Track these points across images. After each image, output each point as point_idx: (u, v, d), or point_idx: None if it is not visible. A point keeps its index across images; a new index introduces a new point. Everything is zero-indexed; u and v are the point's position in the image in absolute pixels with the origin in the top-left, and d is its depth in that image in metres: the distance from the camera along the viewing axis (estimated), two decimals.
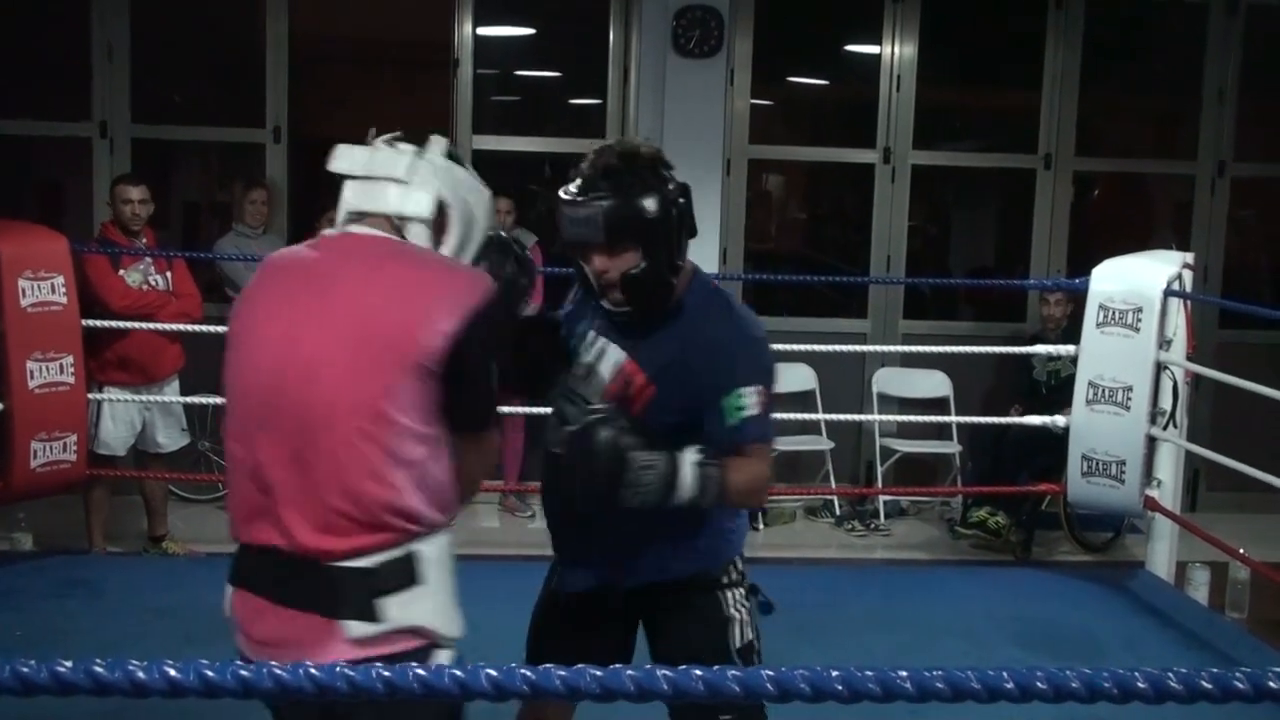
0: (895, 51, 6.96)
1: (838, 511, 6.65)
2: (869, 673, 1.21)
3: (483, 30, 6.83)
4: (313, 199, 7.07)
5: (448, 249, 2.14)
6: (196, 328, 5.45)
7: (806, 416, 6.48)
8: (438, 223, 2.13)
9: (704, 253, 6.51)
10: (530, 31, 7.24)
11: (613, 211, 2.30)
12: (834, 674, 1.20)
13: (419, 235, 2.10)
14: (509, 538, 6.14)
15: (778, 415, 6.59)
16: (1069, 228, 7.18)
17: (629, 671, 1.17)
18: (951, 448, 6.77)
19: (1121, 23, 7.47)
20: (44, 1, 6.87)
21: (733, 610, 2.53)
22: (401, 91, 9.75)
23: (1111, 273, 5.23)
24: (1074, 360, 5.44)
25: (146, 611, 4.57)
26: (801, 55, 7.36)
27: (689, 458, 2.27)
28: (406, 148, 2.16)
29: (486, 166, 7.26)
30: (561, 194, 2.36)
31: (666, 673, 1.18)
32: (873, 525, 6.53)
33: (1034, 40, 7.06)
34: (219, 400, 5.87)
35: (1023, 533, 6.16)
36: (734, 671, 1.21)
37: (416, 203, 2.10)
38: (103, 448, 5.36)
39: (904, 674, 1.21)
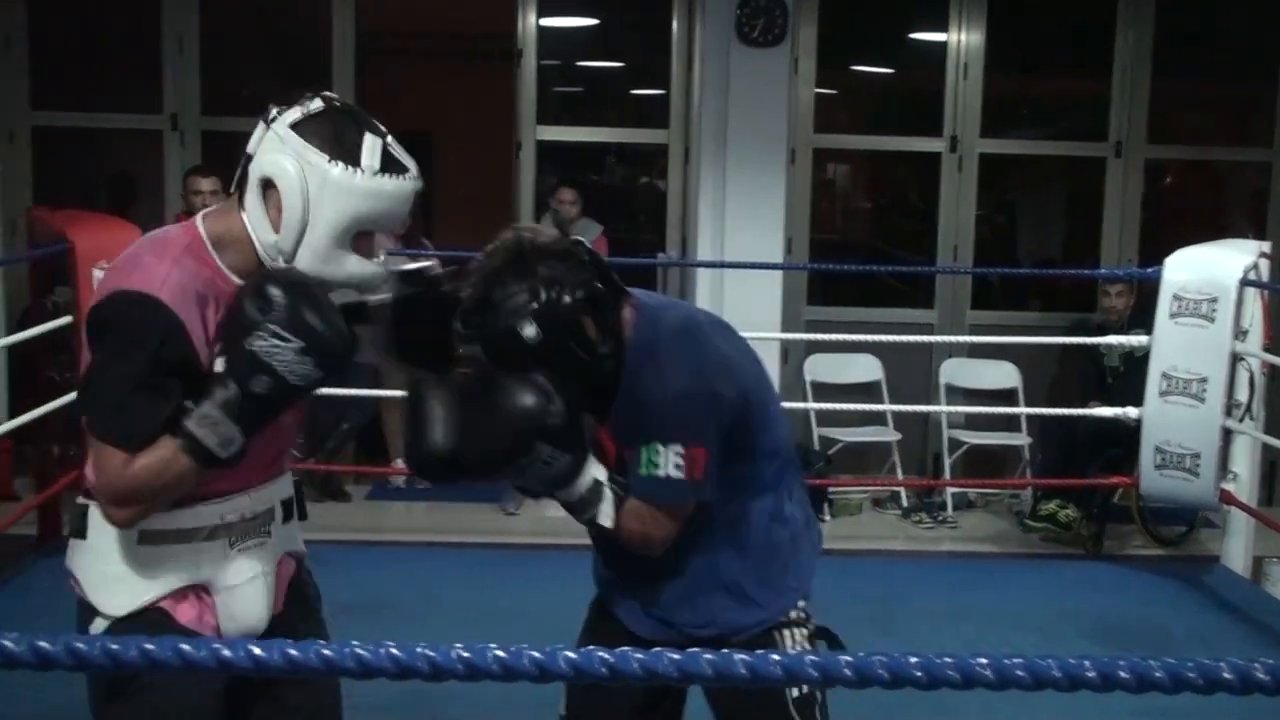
0: (962, 38, 6.88)
1: (904, 503, 6.59)
2: (948, 659, 1.19)
3: (546, 21, 6.84)
4: None
5: (281, 235, 1.94)
6: None
7: (872, 407, 6.44)
8: (274, 201, 1.94)
9: (768, 243, 6.49)
10: (594, 22, 7.24)
11: (493, 351, 2.09)
12: (913, 660, 1.18)
13: (253, 218, 1.97)
14: (576, 527, 6.12)
15: (842, 405, 6.52)
16: (1140, 217, 7.07)
17: (707, 655, 1.16)
18: (1020, 439, 6.69)
19: (1194, 6, 7.33)
20: None
21: (792, 649, 2.30)
22: (464, 83, 9.83)
23: (1185, 262, 5.14)
24: (1139, 348, 5.35)
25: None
26: (866, 43, 7.30)
27: (590, 476, 2.16)
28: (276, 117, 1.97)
29: (550, 156, 7.33)
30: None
31: (744, 657, 1.17)
32: (940, 517, 6.47)
33: (1104, 25, 6.95)
34: None
35: (1094, 526, 6.07)
36: (812, 656, 1.19)
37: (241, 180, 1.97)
38: None
39: (984, 660, 1.19)
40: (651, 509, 2.19)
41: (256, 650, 1.14)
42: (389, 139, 2.00)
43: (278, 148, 1.94)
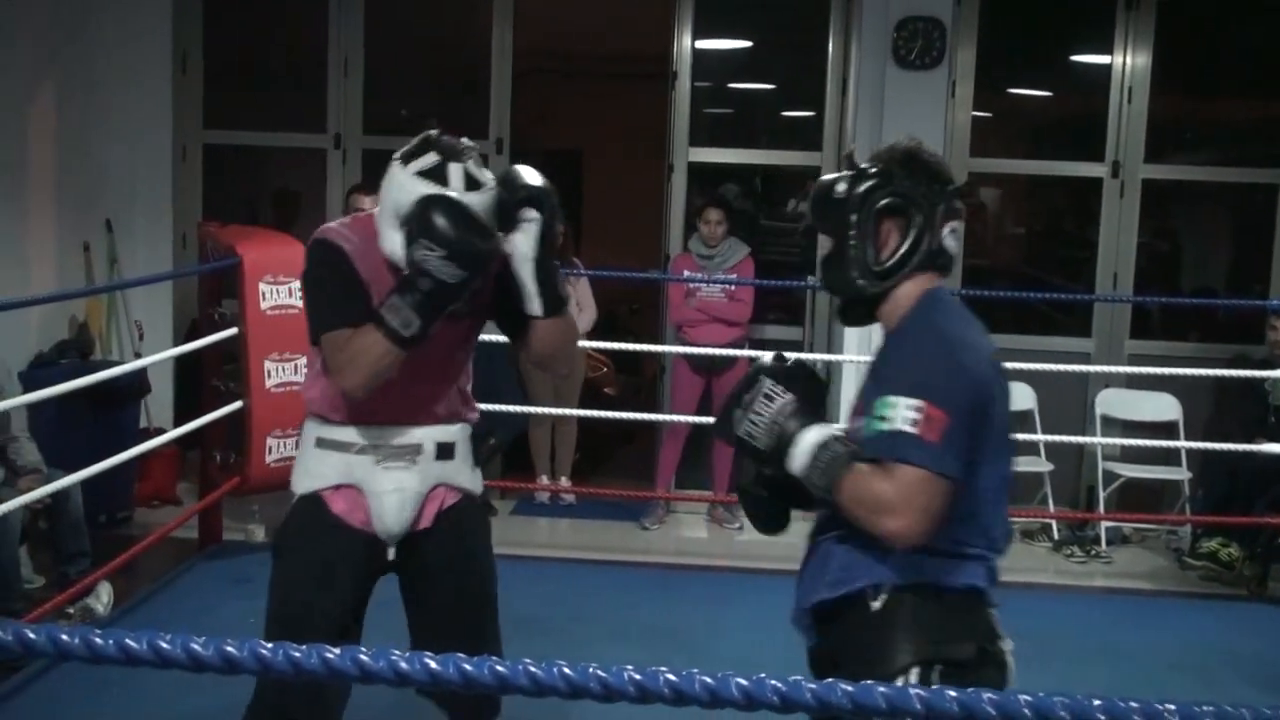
0: (1127, 61, 6.70)
1: (1056, 536, 6.43)
2: (1097, 701, 1.16)
3: (701, 43, 6.86)
4: None
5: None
6: None
7: (1026, 437, 6.29)
8: None
9: None
10: (748, 44, 7.24)
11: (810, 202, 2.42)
12: (1059, 700, 1.16)
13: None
14: (716, 549, 6.14)
15: None
16: None
17: (844, 687, 1.15)
18: (1180, 474, 6.47)
19: None
20: (285, 20, 7.24)
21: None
22: (616, 103, 9.93)
23: None
24: None
25: (369, 605, 4.72)
26: (1027, 65, 7.15)
27: (821, 429, 2.14)
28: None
29: (700, 178, 7.32)
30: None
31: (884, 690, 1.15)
32: (1093, 551, 6.29)
33: (1276, 47, 6.70)
34: None
35: (1258, 566, 5.83)
36: (952, 693, 1.17)
37: None
38: None
39: (1134, 704, 1.16)
40: (888, 467, 2.05)
41: (401, 663, 1.17)
42: (470, 163, 2.56)
43: (388, 176, 2.59)
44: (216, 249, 5.30)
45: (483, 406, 5.80)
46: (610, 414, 6.45)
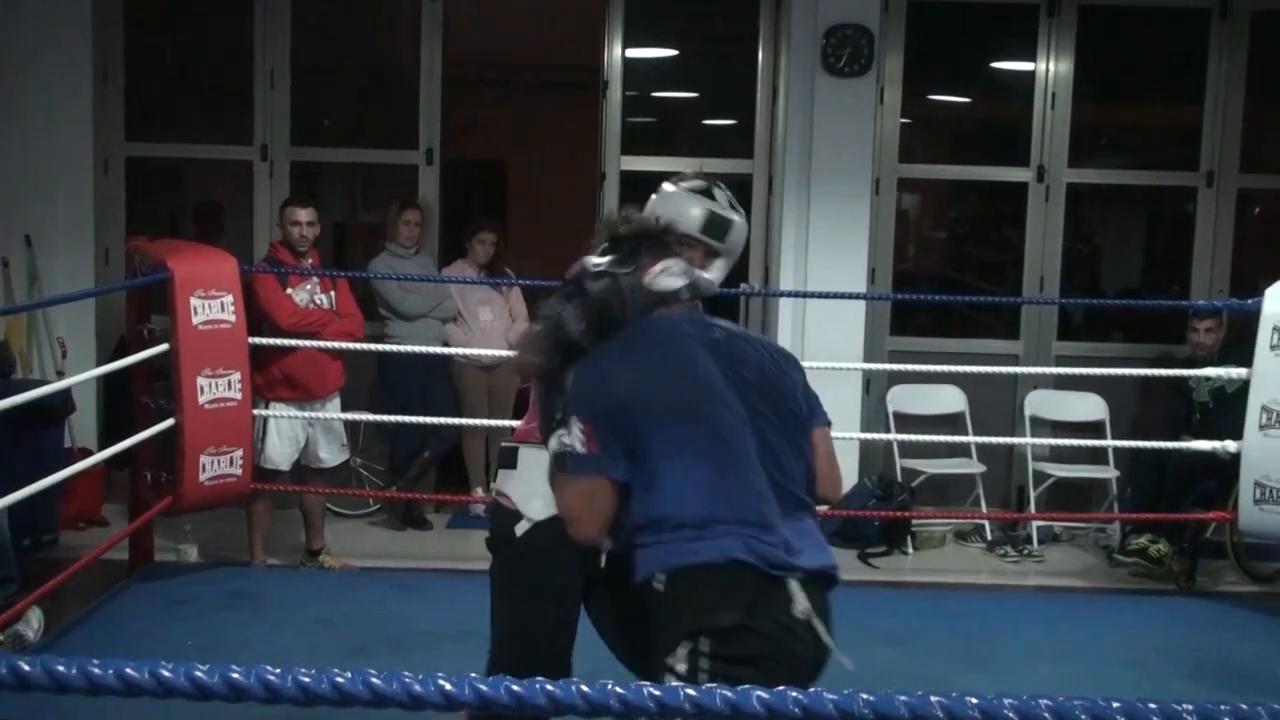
0: (1050, 67, 6.82)
1: (988, 536, 6.51)
2: (1044, 701, 1.18)
3: (632, 52, 6.86)
4: (463, 220, 7.18)
5: None
6: (360, 346, 5.60)
7: (956, 439, 6.37)
8: None
9: (851, 273, 6.46)
10: (678, 53, 7.26)
11: None
12: (1008, 702, 1.18)
13: None
14: None
15: (926, 437, 6.46)
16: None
17: (829, 695, 1.16)
18: (1108, 472, 6.58)
19: None
20: (210, 31, 7.12)
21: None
22: (549, 114, 9.90)
23: None
24: (1230, 383, 5.24)
25: (312, 623, 4.66)
26: (952, 73, 7.25)
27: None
28: None
29: (631, 187, 7.32)
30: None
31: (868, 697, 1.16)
32: (1025, 551, 6.38)
33: (1196, 54, 6.86)
34: (377, 418, 6.03)
35: (1186, 561, 5.95)
36: (903, 698, 1.18)
37: None
38: (267, 462, 5.49)
39: (1079, 702, 1.19)
40: (564, 478, 2.46)
41: (414, 687, 1.16)
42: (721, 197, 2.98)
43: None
44: (145, 264, 5.19)
45: (416, 419, 5.80)
46: None
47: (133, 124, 6.83)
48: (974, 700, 1.12)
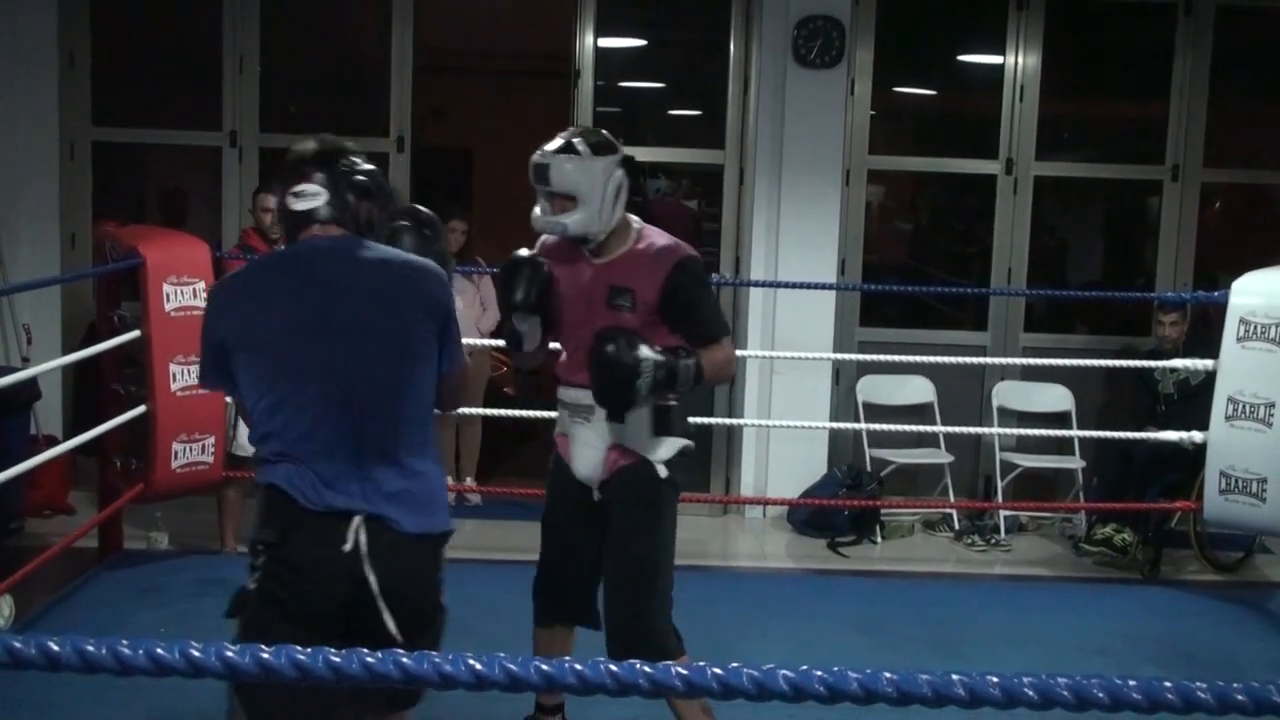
0: (1019, 61, 6.87)
1: (956, 526, 6.57)
2: (1026, 679, 1.22)
3: (604, 42, 6.86)
4: (432, 207, 7.14)
5: None
6: None
7: (925, 429, 6.43)
8: None
9: (821, 263, 6.51)
10: (649, 43, 7.26)
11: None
12: (992, 680, 1.22)
13: None
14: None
15: (894, 427, 6.51)
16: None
17: (818, 672, 1.20)
18: (1074, 463, 6.66)
19: (1251, 30, 7.30)
20: (178, 16, 7.05)
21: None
22: (518, 102, 9.86)
23: (1254, 286, 5.12)
24: (1194, 375, 5.32)
25: None
26: (922, 65, 7.30)
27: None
28: None
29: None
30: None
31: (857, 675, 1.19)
32: (993, 540, 6.44)
33: (1162, 49, 6.94)
34: None
35: (1150, 550, 6.04)
36: (889, 675, 1.22)
37: None
38: (240, 450, 5.45)
39: (1063, 681, 1.24)
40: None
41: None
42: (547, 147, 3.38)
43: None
44: (116, 249, 5.14)
45: None
46: (515, 413, 6.41)
47: (99, 109, 6.76)
48: (994, 679, 1.15)
